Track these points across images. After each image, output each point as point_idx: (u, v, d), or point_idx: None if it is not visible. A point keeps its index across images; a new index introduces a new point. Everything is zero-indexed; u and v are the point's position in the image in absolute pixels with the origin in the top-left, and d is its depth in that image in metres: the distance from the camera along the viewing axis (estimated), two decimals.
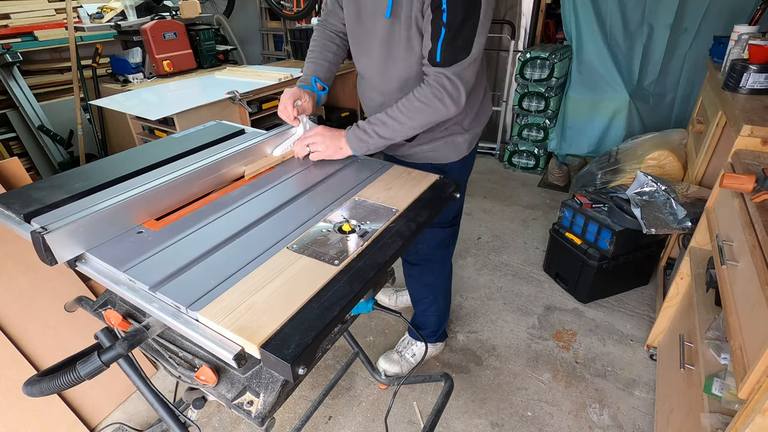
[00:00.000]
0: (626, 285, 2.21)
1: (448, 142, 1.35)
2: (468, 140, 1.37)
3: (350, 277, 0.77)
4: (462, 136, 1.35)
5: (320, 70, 1.38)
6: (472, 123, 1.36)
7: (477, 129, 1.39)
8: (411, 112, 1.13)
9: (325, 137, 1.20)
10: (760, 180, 1.07)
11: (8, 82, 2.80)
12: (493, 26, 3.48)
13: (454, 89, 1.10)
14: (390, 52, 1.20)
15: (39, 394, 0.77)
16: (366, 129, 1.17)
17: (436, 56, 1.08)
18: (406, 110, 1.14)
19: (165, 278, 0.77)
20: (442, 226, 1.55)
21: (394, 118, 1.15)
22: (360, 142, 1.17)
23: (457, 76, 1.09)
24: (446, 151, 1.36)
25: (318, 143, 1.20)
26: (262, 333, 0.64)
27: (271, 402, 0.79)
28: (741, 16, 2.68)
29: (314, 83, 1.36)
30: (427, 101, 1.12)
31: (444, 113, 1.14)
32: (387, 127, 1.15)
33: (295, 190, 1.09)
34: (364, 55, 1.29)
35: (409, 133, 1.18)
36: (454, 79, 1.09)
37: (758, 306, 0.90)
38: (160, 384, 1.73)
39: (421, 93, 1.12)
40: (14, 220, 0.89)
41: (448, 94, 1.10)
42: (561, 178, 3.31)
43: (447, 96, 1.11)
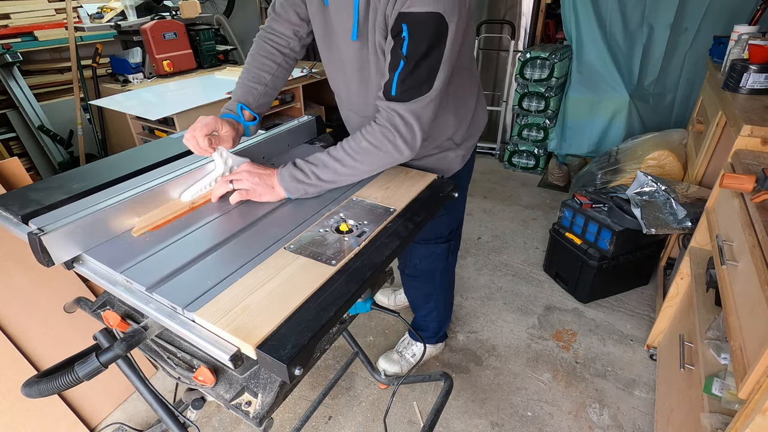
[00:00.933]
0: (626, 285, 2.20)
1: (440, 158, 1.26)
2: (461, 155, 1.28)
3: (347, 278, 0.77)
4: (454, 152, 1.27)
5: (251, 95, 1.17)
6: (465, 137, 1.27)
7: (470, 143, 1.30)
8: (358, 154, 0.99)
9: (253, 174, 1.01)
10: (760, 180, 1.07)
11: (8, 82, 2.80)
12: (493, 26, 3.49)
13: (408, 131, 0.96)
14: (362, 76, 1.09)
15: (38, 395, 0.77)
16: (304, 169, 1.00)
17: (392, 89, 0.94)
18: (352, 151, 0.99)
19: (162, 279, 0.76)
20: (437, 241, 1.47)
21: (337, 159, 0.99)
22: (296, 184, 1.00)
23: (413, 115, 0.95)
24: (438, 167, 1.26)
25: (244, 180, 1.01)
26: (258, 334, 0.64)
27: (269, 402, 0.79)
28: (741, 16, 2.68)
29: (240, 111, 1.14)
30: (376, 142, 0.98)
31: (396, 157, 1.00)
32: (328, 169, 0.99)
33: None
34: (336, 75, 1.18)
35: (355, 177, 1.03)
36: (408, 119, 0.95)
37: (758, 306, 0.90)
38: (160, 384, 1.73)
39: (369, 132, 0.98)
40: (12, 222, 0.89)
41: (400, 136, 0.96)
42: (561, 178, 3.30)
43: (399, 138, 0.97)
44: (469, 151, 1.32)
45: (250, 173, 1.01)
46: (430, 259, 1.53)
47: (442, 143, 1.24)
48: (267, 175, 1.02)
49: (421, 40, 0.89)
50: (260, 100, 1.18)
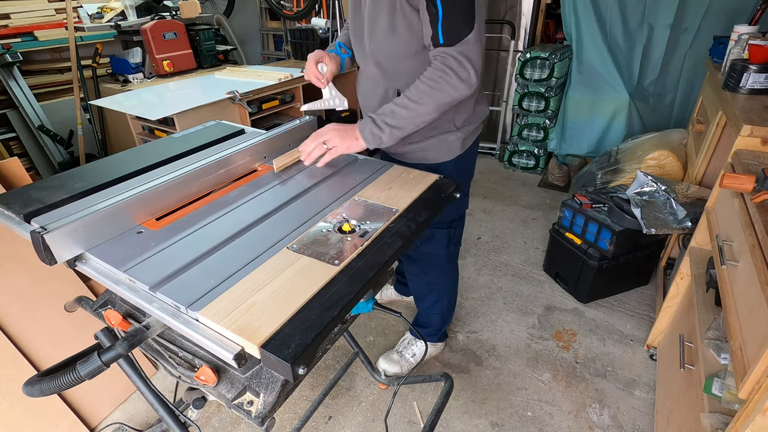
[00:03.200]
0: (626, 285, 2.21)
1: (441, 140, 1.32)
2: (460, 139, 1.34)
3: (350, 277, 0.77)
4: (454, 135, 1.32)
5: (345, 39, 1.45)
6: (465, 122, 1.33)
7: (470, 128, 1.36)
8: (420, 97, 1.10)
9: (339, 131, 1.16)
10: (760, 180, 1.07)
11: (8, 82, 2.80)
12: (493, 26, 3.49)
13: (462, 68, 1.07)
14: (373, 34, 1.19)
15: (39, 395, 0.77)
16: (376, 121, 1.13)
17: (439, 38, 1.06)
18: (414, 96, 1.10)
19: (165, 278, 0.77)
20: (438, 226, 1.52)
21: (403, 106, 1.11)
22: (372, 135, 1.13)
23: (463, 55, 1.06)
24: (438, 150, 1.33)
25: (333, 138, 1.16)
26: (262, 333, 0.64)
27: (271, 402, 0.79)
28: (741, 16, 2.68)
29: (338, 47, 1.42)
30: (433, 83, 1.08)
31: (454, 95, 1.10)
32: (396, 116, 1.11)
33: (295, 190, 1.09)
34: (357, 37, 1.29)
35: (421, 119, 1.13)
36: (460, 59, 1.06)
37: (758, 306, 0.90)
38: (160, 384, 1.73)
39: (427, 75, 1.09)
40: (14, 220, 0.89)
41: (455, 73, 1.07)
42: (561, 178, 3.30)
43: (455, 75, 1.07)
44: (470, 136, 1.38)
45: (336, 131, 1.16)
46: (431, 243, 1.56)
47: (441, 125, 1.30)
48: (351, 129, 1.16)
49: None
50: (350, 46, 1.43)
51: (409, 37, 1.14)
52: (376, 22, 1.16)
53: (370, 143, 1.14)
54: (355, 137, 1.15)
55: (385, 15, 1.12)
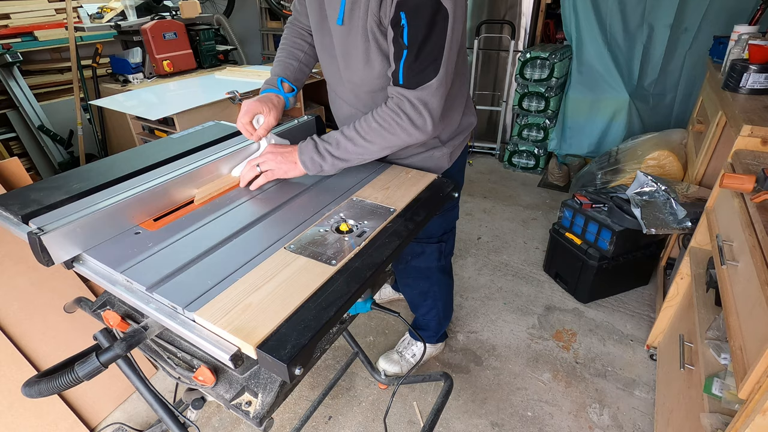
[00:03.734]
0: (626, 285, 2.20)
1: (426, 157, 1.27)
2: (447, 154, 1.28)
3: (347, 277, 0.77)
4: (440, 150, 1.27)
5: (288, 69, 1.27)
6: (452, 137, 1.28)
7: (457, 141, 1.30)
8: (369, 134, 1.02)
9: (276, 155, 1.08)
10: (760, 180, 1.07)
11: (8, 82, 2.80)
12: (493, 26, 3.49)
13: (418, 115, 0.99)
14: (348, 63, 1.10)
15: (38, 395, 0.77)
16: (319, 147, 1.04)
17: (399, 78, 0.96)
18: (363, 131, 1.02)
19: (162, 279, 0.76)
20: (429, 241, 1.48)
21: (350, 138, 1.03)
22: (312, 162, 1.05)
23: (422, 101, 0.97)
24: (426, 166, 1.25)
25: (268, 161, 1.07)
26: (258, 333, 0.64)
27: (270, 402, 0.79)
28: (741, 16, 2.68)
29: (280, 84, 1.23)
30: (385, 124, 1.01)
31: (406, 140, 1.02)
32: (340, 147, 1.03)
33: (293, 191, 1.09)
34: (326, 61, 1.21)
35: (368, 156, 1.05)
36: (417, 105, 0.98)
37: (758, 306, 0.90)
38: (160, 384, 1.73)
39: (381, 114, 1.01)
40: (12, 221, 0.89)
41: (409, 120, 0.99)
42: (561, 178, 3.30)
43: (409, 122, 0.99)
44: (457, 149, 1.32)
45: (273, 153, 1.08)
46: (422, 258, 1.53)
47: (429, 143, 1.24)
48: (289, 153, 1.08)
49: (420, 26, 0.90)
50: (296, 74, 1.28)
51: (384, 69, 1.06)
52: (350, 52, 1.08)
53: (310, 170, 1.06)
54: (293, 161, 1.07)
55: (360, 45, 1.04)
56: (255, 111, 1.12)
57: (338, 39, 1.08)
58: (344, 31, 1.04)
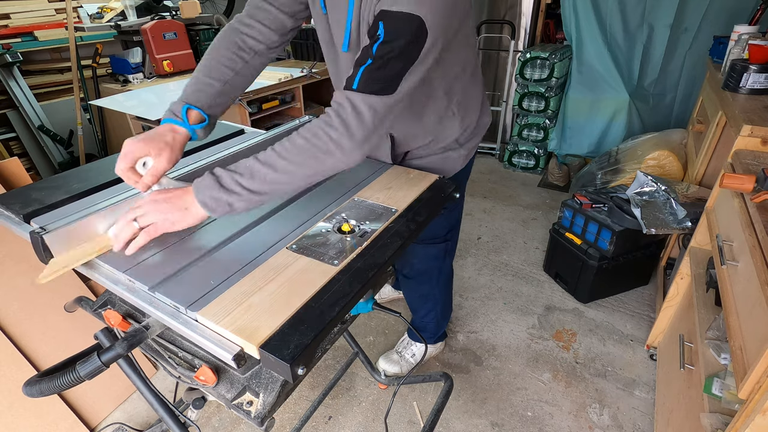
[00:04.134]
0: (626, 285, 2.21)
1: (444, 158, 1.26)
2: (463, 155, 1.28)
3: (350, 278, 0.77)
4: (457, 152, 1.26)
5: (203, 93, 0.98)
6: (470, 138, 1.28)
7: (473, 143, 1.30)
8: (291, 154, 0.81)
9: (159, 202, 0.83)
10: (760, 180, 1.07)
11: (8, 82, 2.80)
12: (493, 26, 3.49)
13: (359, 126, 0.80)
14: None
15: (39, 395, 0.77)
16: (224, 182, 0.79)
17: (354, 83, 0.81)
18: (285, 152, 0.81)
19: (164, 279, 0.77)
20: (434, 241, 1.47)
21: (267, 163, 0.80)
22: (216, 201, 0.80)
23: (370, 107, 0.80)
24: (440, 166, 1.26)
25: (149, 213, 0.82)
26: (261, 333, 0.64)
27: (271, 402, 0.79)
28: (741, 16, 2.68)
29: (185, 114, 0.95)
30: (314, 139, 0.80)
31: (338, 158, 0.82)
32: (255, 178, 0.80)
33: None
34: (337, 82, 1.17)
35: (290, 185, 0.83)
36: (363, 112, 0.80)
37: (758, 306, 0.90)
38: (160, 384, 1.73)
39: (309, 128, 0.82)
40: (13, 221, 0.89)
41: (347, 131, 0.80)
42: (561, 178, 3.30)
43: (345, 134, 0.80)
44: (472, 151, 1.32)
45: (154, 201, 0.83)
46: (427, 259, 1.53)
47: (446, 143, 1.24)
48: (177, 197, 0.82)
49: (395, 41, 0.80)
50: (215, 100, 1.00)
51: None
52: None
53: (213, 210, 0.81)
54: (183, 207, 0.82)
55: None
56: (137, 154, 0.86)
57: (346, 64, 1.05)
58: (351, 57, 0.98)
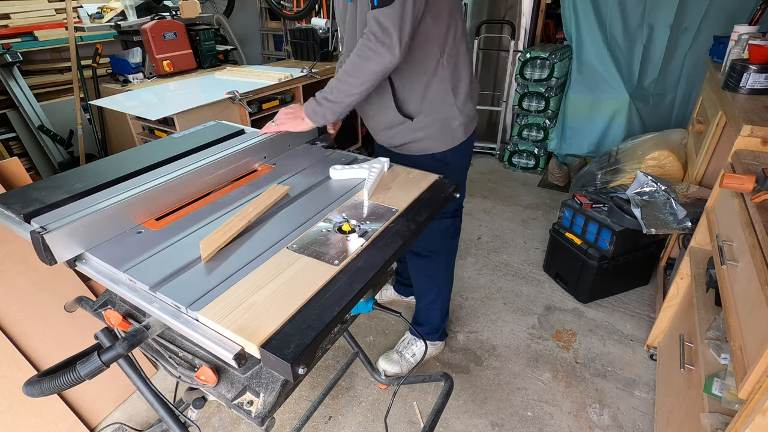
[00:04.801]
0: (626, 285, 2.21)
1: (444, 127, 1.35)
2: (463, 124, 1.37)
3: (350, 277, 0.77)
4: (456, 120, 1.35)
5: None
6: (464, 103, 1.36)
7: (469, 111, 1.38)
8: (351, 68, 1.14)
9: (288, 113, 1.28)
10: (760, 180, 1.07)
11: (8, 82, 2.80)
12: (493, 26, 3.49)
13: (384, 34, 1.08)
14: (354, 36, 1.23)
15: (39, 394, 0.77)
16: (317, 98, 1.20)
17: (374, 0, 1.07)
18: (347, 68, 1.15)
19: (165, 278, 0.77)
20: (443, 216, 1.57)
21: (339, 79, 1.16)
22: (315, 114, 1.21)
23: (388, 17, 1.07)
24: (442, 139, 1.37)
25: (281, 117, 1.29)
26: (262, 333, 0.64)
27: (271, 402, 0.79)
28: (741, 16, 2.68)
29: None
30: (360, 52, 1.12)
31: (379, 61, 1.10)
32: (333, 91, 1.17)
33: (295, 190, 1.09)
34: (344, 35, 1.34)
35: (355, 91, 1.15)
36: (383, 21, 1.07)
37: (758, 306, 0.90)
38: (160, 384, 1.73)
39: (357, 46, 1.14)
40: (14, 220, 0.89)
41: (377, 40, 1.09)
42: (561, 178, 3.31)
43: (377, 42, 1.09)
44: (471, 122, 1.41)
45: (285, 113, 1.29)
46: (436, 235, 1.59)
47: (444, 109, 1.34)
48: (297, 110, 1.27)
49: None
50: None
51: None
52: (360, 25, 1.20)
53: (315, 120, 1.23)
54: (301, 117, 1.25)
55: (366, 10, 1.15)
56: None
57: (350, 15, 1.24)
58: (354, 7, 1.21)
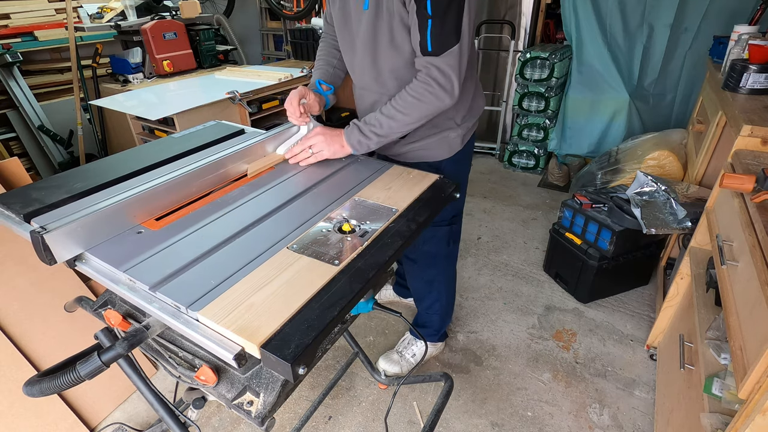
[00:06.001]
0: (626, 285, 2.21)
1: (441, 138, 1.35)
2: (461, 135, 1.36)
3: (350, 277, 0.77)
4: (455, 131, 1.35)
5: (324, 74, 1.42)
6: (465, 118, 1.36)
7: (469, 123, 1.38)
8: (405, 108, 1.14)
9: (326, 137, 1.21)
10: (760, 180, 1.07)
11: (8, 82, 2.80)
12: (493, 26, 3.49)
13: (446, 80, 1.10)
14: (375, 49, 1.20)
15: (39, 395, 0.77)
16: (363, 130, 1.18)
17: (427, 46, 1.08)
18: (400, 107, 1.14)
19: (165, 278, 0.76)
20: (440, 224, 1.54)
21: (389, 116, 1.16)
22: (360, 144, 1.19)
23: (449, 65, 1.09)
24: (439, 148, 1.36)
25: (319, 143, 1.21)
26: (262, 333, 0.64)
27: (271, 402, 0.79)
28: (741, 16, 2.68)
29: (318, 85, 1.39)
30: (419, 96, 1.13)
31: (438, 105, 1.14)
32: (383, 126, 1.17)
33: (295, 190, 1.09)
34: (350, 52, 1.30)
35: (406, 128, 1.19)
36: (445, 69, 1.09)
37: (758, 306, 0.90)
38: (161, 384, 1.73)
39: (413, 88, 1.13)
40: (14, 220, 0.89)
41: (440, 86, 1.11)
42: (561, 178, 3.31)
43: (439, 88, 1.11)
44: (469, 131, 1.40)
45: (323, 135, 1.21)
46: (433, 242, 1.57)
47: (442, 122, 1.33)
48: (337, 135, 1.21)
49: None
50: (332, 78, 1.43)
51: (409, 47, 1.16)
52: (376, 36, 1.17)
53: (358, 150, 1.21)
54: (341, 144, 1.20)
55: (386, 27, 1.14)
56: (302, 94, 1.25)
57: (365, 25, 1.17)
58: (371, 16, 1.14)
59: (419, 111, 1.15)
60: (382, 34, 1.16)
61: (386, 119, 1.16)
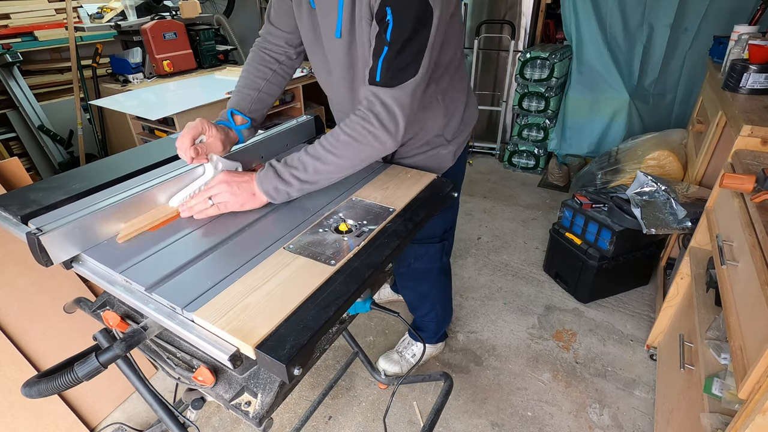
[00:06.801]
0: (626, 285, 2.20)
1: (431, 156, 1.24)
2: (452, 151, 1.26)
3: (347, 277, 0.77)
4: (445, 149, 1.24)
5: (242, 100, 1.17)
6: (456, 133, 1.25)
7: (461, 139, 1.28)
8: (336, 148, 0.93)
9: (231, 185, 0.95)
10: (760, 180, 1.07)
11: (8, 82, 2.81)
12: (493, 26, 3.48)
13: (390, 119, 0.92)
14: (349, 76, 1.08)
15: (37, 396, 0.77)
16: (282, 174, 0.94)
17: (376, 75, 0.91)
18: (331, 147, 0.94)
19: (161, 279, 0.76)
20: (431, 241, 1.46)
21: (316, 156, 0.94)
22: (276, 191, 0.95)
23: (397, 101, 0.91)
24: (429, 165, 1.23)
25: (222, 193, 0.95)
26: (257, 333, 0.64)
27: (269, 402, 0.79)
28: (741, 16, 2.68)
29: (230, 117, 1.13)
30: (355, 134, 0.93)
31: (377, 148, 0.95)
32: (307, 170, 0.94)
33: None
34: (325, 79, 1.17)
35: (337, 174, 0.97)
36: (391, 106, 0.91)
37: (758, 306, 0.90)
38: (161, 384, 1.73)
39: (348, 124, 0.94)
40: (11, 222, 0.89)
41: (381, 125, 0.92)
42: (561, 178, 3.30)
43: (380, 127, 0.92)
44: (461, 147, 1.30)
45: (227, 183, 0.95)
46: (425, 259, 1.52)
47: (432, 140, 1.22)
48: (246, 182, 0.96)
49: (406, 24, 0.87)
50: (254, 105, 1.19)
51: None
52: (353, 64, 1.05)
53: (275, 199, 0.97)
54: (251, 192, 0.96)
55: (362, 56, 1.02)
56: (198, 131, 1.02)
57: (339, 53, 1.04)
58: (344, 45, 1.01)
59: (353, 153, 0.94)
60: (358, 64, 1.04)
61: (312, 160, 0.93)
